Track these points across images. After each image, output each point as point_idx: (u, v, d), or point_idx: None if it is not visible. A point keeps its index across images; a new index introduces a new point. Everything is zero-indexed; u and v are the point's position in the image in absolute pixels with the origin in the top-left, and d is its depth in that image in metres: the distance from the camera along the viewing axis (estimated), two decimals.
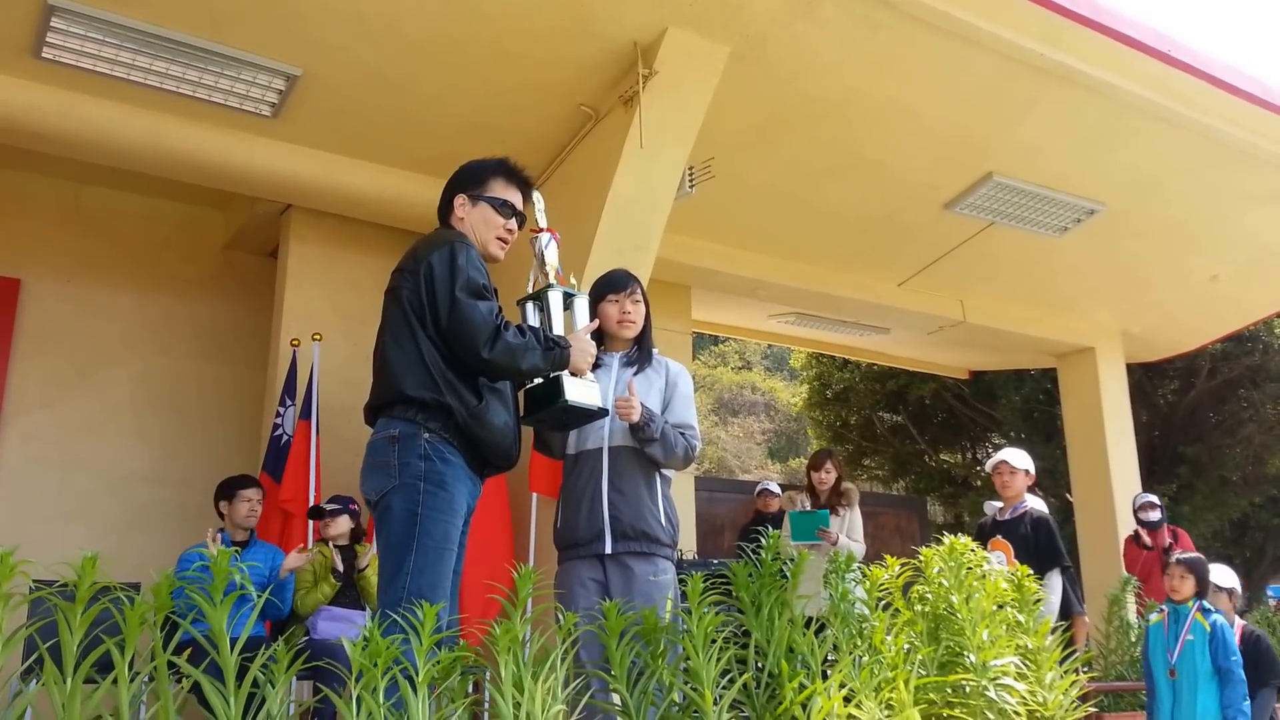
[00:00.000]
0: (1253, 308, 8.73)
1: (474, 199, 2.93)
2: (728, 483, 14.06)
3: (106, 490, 6.12)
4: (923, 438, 14.00)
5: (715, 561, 6.11)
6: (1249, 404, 11.64)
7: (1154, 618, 4.44)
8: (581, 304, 3.04)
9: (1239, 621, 4.62)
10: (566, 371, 2.85)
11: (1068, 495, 9.68)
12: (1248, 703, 4.01)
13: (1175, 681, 4.11)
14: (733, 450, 21.99)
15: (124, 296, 6.47)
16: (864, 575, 3.26)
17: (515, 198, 2.98)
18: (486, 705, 3.81)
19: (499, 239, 2.93)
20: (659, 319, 6.28)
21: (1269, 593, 9.66)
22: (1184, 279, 7.90)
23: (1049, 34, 4.99)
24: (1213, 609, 4.21)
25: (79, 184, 6.43)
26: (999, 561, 3.90)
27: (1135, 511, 7.70)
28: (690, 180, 5.20)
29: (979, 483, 13.21)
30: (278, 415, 5.60)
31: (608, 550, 3.09)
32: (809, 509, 5.55)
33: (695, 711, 2.53)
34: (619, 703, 2.59)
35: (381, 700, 2.12)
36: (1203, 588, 4.22)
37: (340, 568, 4.70)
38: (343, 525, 4.81)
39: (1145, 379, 11.37)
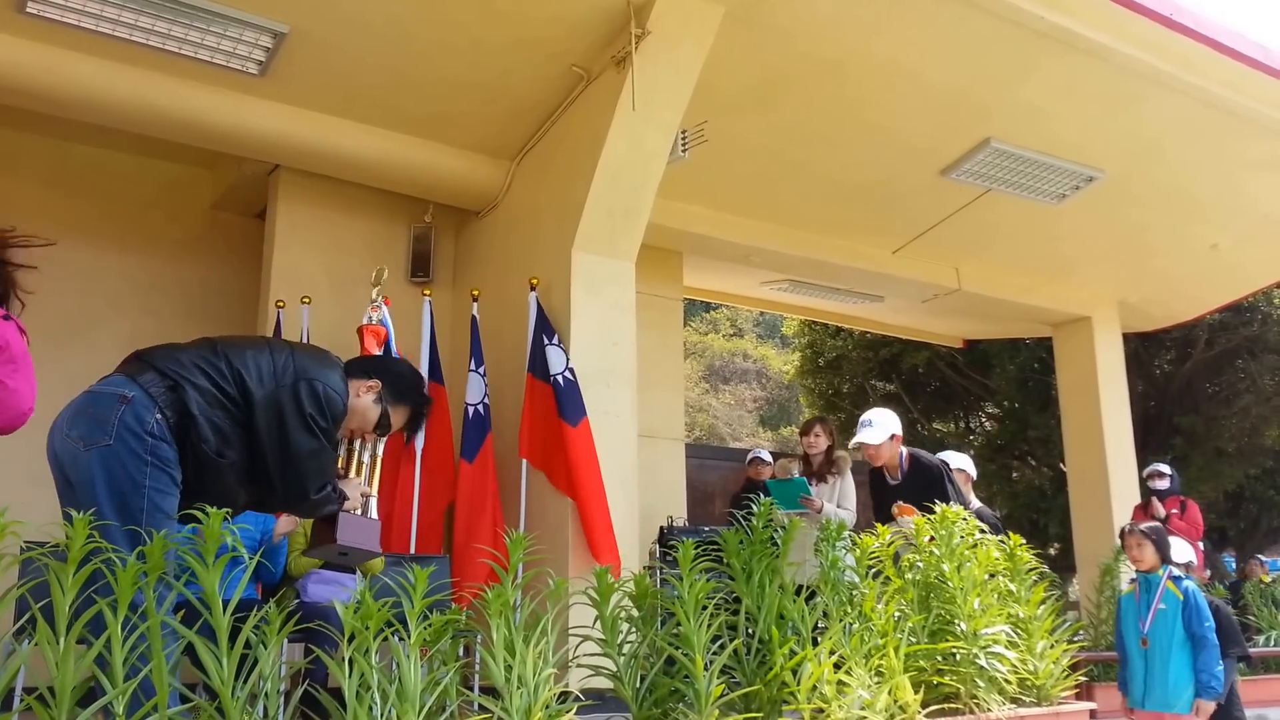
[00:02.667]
0: (1253, 276, 8.70)
1: (385, 401, 2.88)
2: (719, 450, 14.07)
3: None
4: (916, 406, 14.00)
5: (706, 529, 6.11)
6: (1246, 375, 11.63)
7: (1126, 588, 4.46)
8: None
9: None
10: (344, 509, 2.83)
11: (1061, 465, 9.70)
12: (1220, 667, 4.04)
13: (1147, 650, 4.13)
14: (724, 418, 22.06)
15: (110, 257, 6.39)
16: (855, 543, 3.26)
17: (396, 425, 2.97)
18: (477, 668, 3.82)
19: (349, 433, 2.91)
20: (649, 285, 6.26)
21: (1265, 564, 9.72)
22: (1184, 247, 7.86)
23: None
24: (1184, 576, 4.23)
25: (64, 142, 6.32)
26: (907, 525, 3.86)
27: (1144, 480, 7.76)
28: (683, 144, 5.13)
29: (973, 451, 13.24)
30: None
31: None
32: (795, 475, 5.55)
33: (686, 676, 2.52)
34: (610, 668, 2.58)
35: (374, 662, 2.12)
36: (1164, 553, 4.24)
37: None
38: None
39: (1141, 349, 11.35)
